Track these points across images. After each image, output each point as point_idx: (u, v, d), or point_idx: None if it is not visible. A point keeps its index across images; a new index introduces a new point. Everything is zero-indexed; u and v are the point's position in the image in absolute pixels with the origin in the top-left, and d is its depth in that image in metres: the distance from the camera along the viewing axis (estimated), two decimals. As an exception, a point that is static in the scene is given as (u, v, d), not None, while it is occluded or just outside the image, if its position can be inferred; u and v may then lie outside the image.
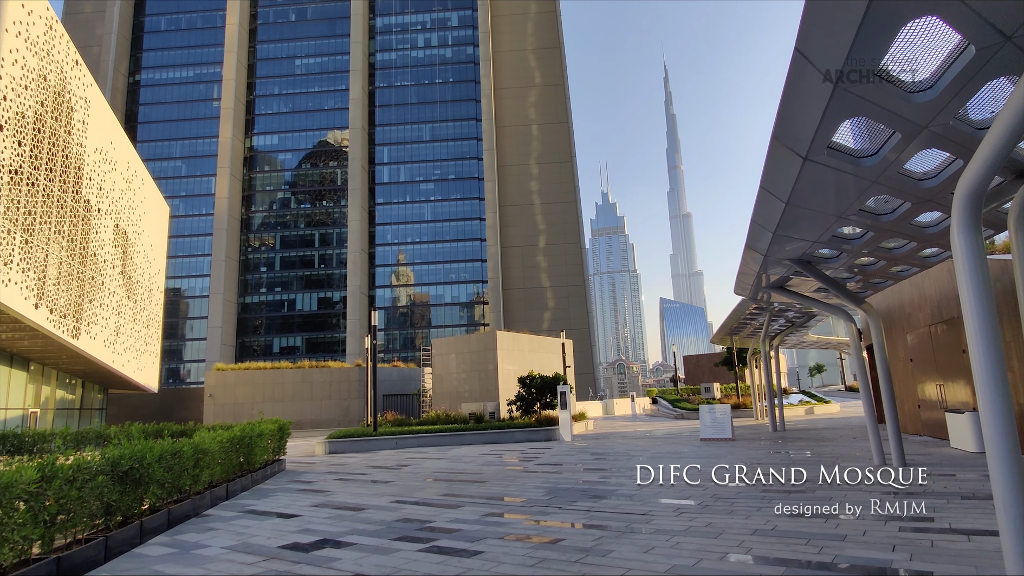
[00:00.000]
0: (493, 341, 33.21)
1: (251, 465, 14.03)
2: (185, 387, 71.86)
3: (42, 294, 23.25)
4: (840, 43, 4.93)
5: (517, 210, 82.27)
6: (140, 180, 35.33)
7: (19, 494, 6.34)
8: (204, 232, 79.87)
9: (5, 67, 20.51)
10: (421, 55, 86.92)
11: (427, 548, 7.39)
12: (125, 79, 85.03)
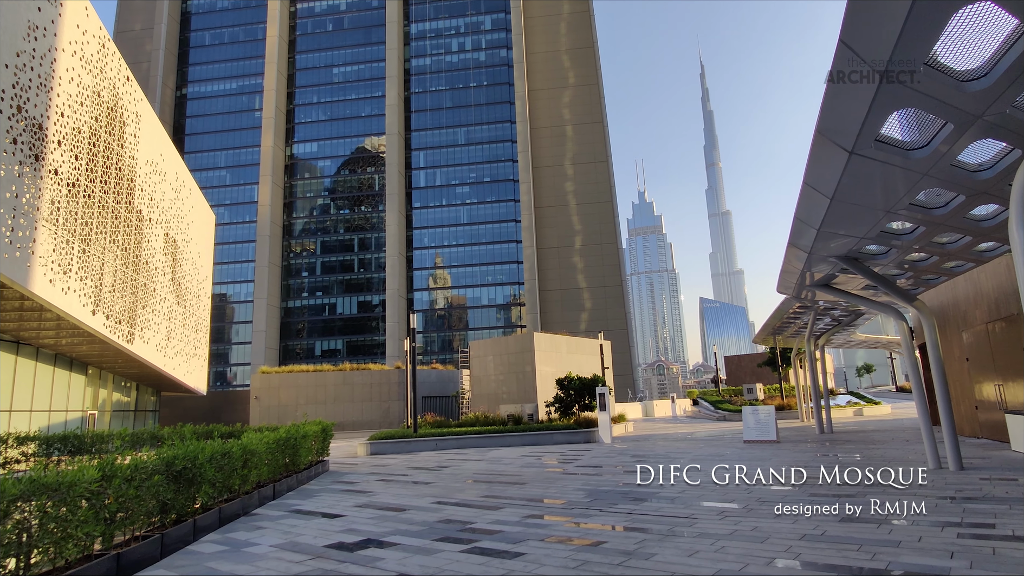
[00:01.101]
0: (530, 343, 33.20)
1: (296, 466, 14.36)
2: (232, 390, 74.02)
3: (99, 301, 24.30)
4: (887, 32, 4.78)
5: (553, 211, 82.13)
6: (188, 190, 36.60)
7: (82, 492, 6.57)
8: (248, 239, 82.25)
9: (62, 85, 21.53)
10: (455, 59, 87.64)
11: (469, 549, 7.42)
12: (173, 93, 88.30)
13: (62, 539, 6.27)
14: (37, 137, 19.93)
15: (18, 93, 18.96)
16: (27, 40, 19.55)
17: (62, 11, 21.63)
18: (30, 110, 19.58)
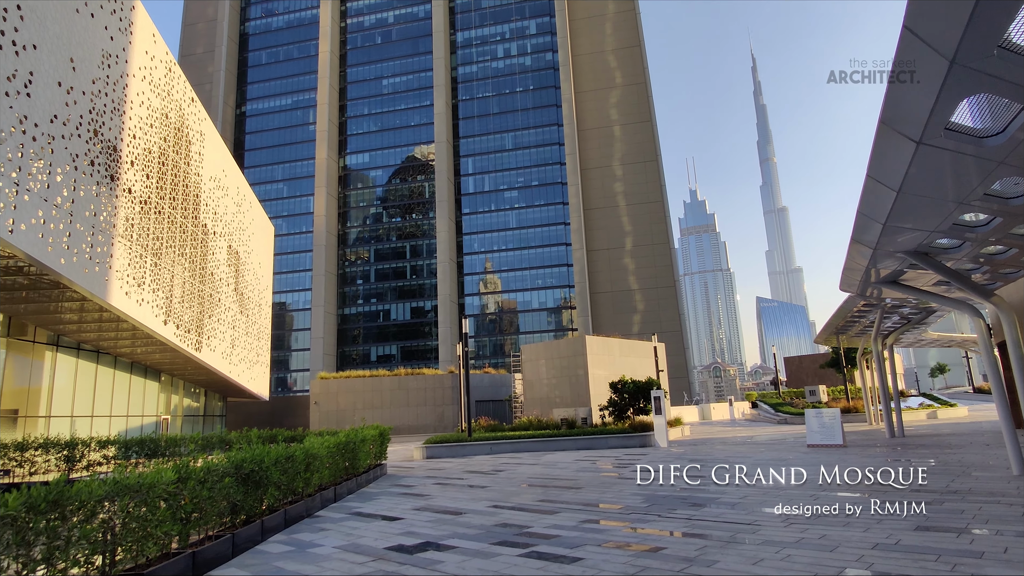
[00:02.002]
0: (582, 346, 33.01)
1: (355, 469, 14.71)
2: (292, 395, 76.53)
3: (169, 311, 25.61)
4: (956, 16, 4.55)
5: (602, 213, 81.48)
6: (248, 203, 38.17)
7: (160, 493, 6.92)
8: (305, 249, 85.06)
9: (133, 108, 22.86)
10: (501, 65, 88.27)
11: (527, 553, 7.42)
12: (233, 111, 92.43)
13: (143, 538, 6.60)
14: (112, 158, 21.21)
15: (95, 118, 20.23)
16: (101, 68, 20.85)
17: (132, 39, 22.97)
18: (105, 133, 20.86)
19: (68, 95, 18.93)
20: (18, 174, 16.66)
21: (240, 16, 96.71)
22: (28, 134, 17.12)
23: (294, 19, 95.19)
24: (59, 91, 18.52)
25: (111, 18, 21.63)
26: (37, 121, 17.49)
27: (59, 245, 18.27)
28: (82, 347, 27.51)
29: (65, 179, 18.64)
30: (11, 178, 16.38)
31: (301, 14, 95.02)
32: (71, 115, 19.03)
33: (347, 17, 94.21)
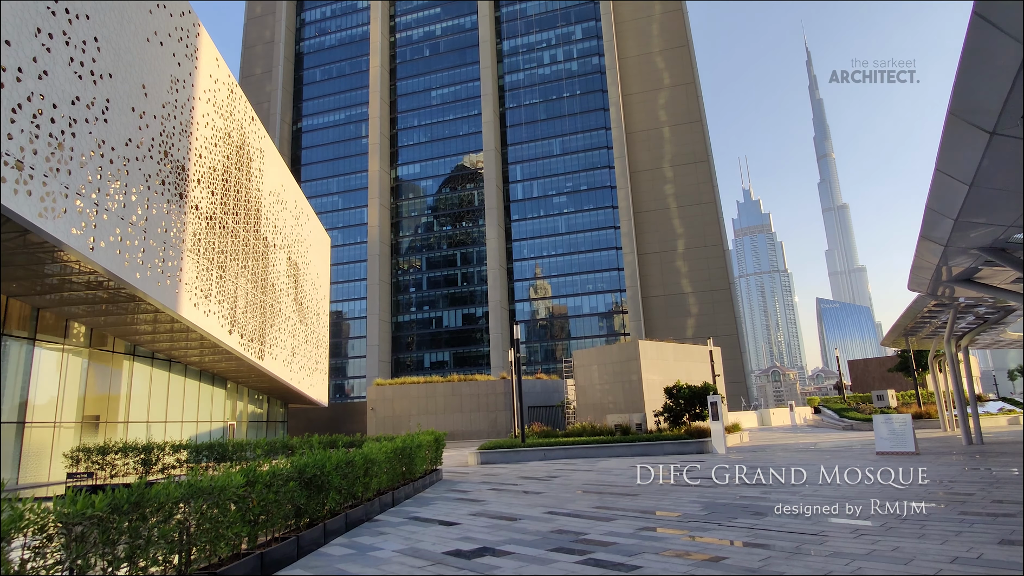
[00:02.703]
0: (635, 351, 32.58)
1: (412, 474, 14.95)
2: (350, 401, 78.52)
3: (234, 321, 26.74)
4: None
5: (653, 216, 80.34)
6: (306, 216, 39.50)
7: (230, 496, 7.22)
8: (360, 259, 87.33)
9: (199, 129, 24.06)
10: (548, 71, 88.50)
11: (584, 560, 7.37)
12: (290, 128, 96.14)
13: (215, 538, 6.91)
14: (180, 177, 22.37)
15: (165, 140, 21.41)
16: (170, 92, 22.06)
17: (197, 64, 24.22)
18: (174, 154, 22.03)
19: (141, 119, 20.10)
20: (97, 195, 17.79)
21: (295, 36, 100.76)
22: (106, 157, 18.26)
23: (346, 36, 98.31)
24: (132, 116, 19.69)
25: (178, 45, 22.88)
26: (114, 145, 18.64)
27: (134, 260, 19.38)
28: (156, 356, 29.06)
29: (139, 198, 19.78)
30: (91, 199, 17.51)
31: (352, 31, 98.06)
32: (144, 138, 20.20)
33: (396, 32, 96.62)
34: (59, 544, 4.94)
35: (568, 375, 40.93)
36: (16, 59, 15.12)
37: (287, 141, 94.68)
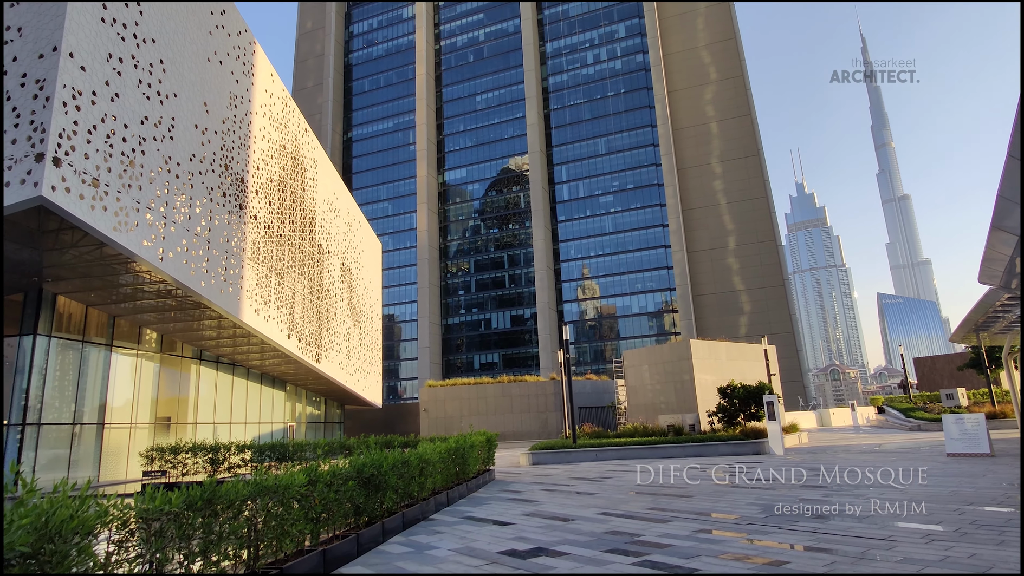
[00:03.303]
0: (687, 350, 32.05)
1: (465, 474, 15.15)
2: (403, 402, 79.96)
3: (292, 326, 27.72)
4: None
5: (702, 212, 78.76)
6: (358, 223, 40.57)
7: (294, 494, 7.48)
8: (410, 263, 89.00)
9: (256, 142, 25.08)
10: (591, 71, 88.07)
11: (639, 562, 7.32)
12: (341, 137, 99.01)
13: (281, 535, 7.18)
14: (240, 189, 23.38)
15: (225, 153, 22.42)
16: (229, 108, 23.09)
17: (254, 80, 25.26)
18: (234, 167, 23.05)
19: (203, 135, 21.14)
20: (165, 208, 18.81)
21: (344, 49, 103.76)
22: (172, 172, 19.30)
23: (392, 46, 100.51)
24: (195, 132, 20.73)
25: (236, 63, 23.94)
26: (179, 160, 19.68)
27: (199, 269, 20.39)
28: (220, 360, 30.43)
29: (203, 210, 20.79)
30: (160, 212, 18.53)
31: (398, 41, 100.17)
32: (206, 153, 21.23)
33: (441, 39, 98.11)
34: (140, 538, 5.17)
35: (618, 375, 40.60)
36: (91, 83, 16.15)
37: (338, 151, 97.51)
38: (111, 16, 17.06)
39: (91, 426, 22.61)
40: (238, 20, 24.20)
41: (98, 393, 23.19)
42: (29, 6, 15.83)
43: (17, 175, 14.67)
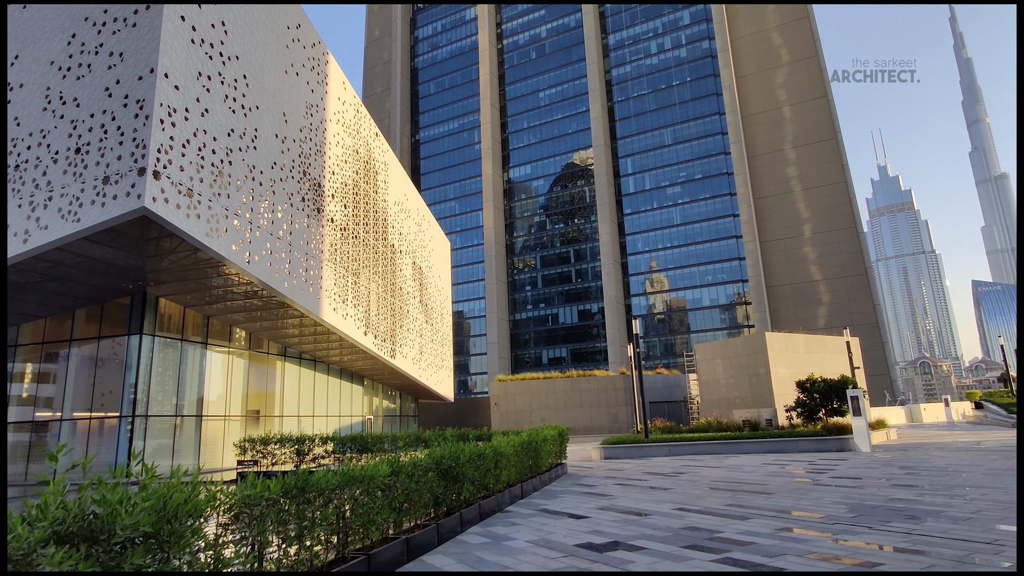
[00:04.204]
0: (762, 343, 31.06)
1: (538, 468, 15.35)
2: (473, 397, 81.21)
3: (368, 323, 28.82)
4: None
5: (775, 201, 75.65)
6: (427, 222, 41.59)
7: (378, 484, 7.80)
8: (477, 260, 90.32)
9: (331, 148, 26.18)
10: (656, 61, 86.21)
11: (720, 559, 7.22)
12: (409, 140, 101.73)
13: (367, 523, 7.51)
14: (317, 194, 24.50)
15: (303, 160, 23.56)
16: (306, 117, 24.22)
17: (328, 89, 26.37)
18: (311, 172, 24.17)
19: (283, 144, 22.30)
20: (251, 214, 20.00)
21: (410, 54, 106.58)
22: (256, 180, 20.48)
23: (456, 48, 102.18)
24: (276, 141, 21.90)
25: (311, 73, 25.07)
26: (262, 169, 20.85)
27: (283, 271, 21.56)
28: (303, 357, 32.05)
29: (284, 215, 21.95)
30: (246, 218, 19.72)
31: (462, 42, 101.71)
32: (286, 161, 22.38)
33: (503, 38, 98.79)
34: (243, 522, 5.53)
35: (690, 369, 39.81)
36: (184, 100, 17.37)
37: (407, 153, 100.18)
38: (199, 37, 18.28)
39: (191, 418, 24.40)
40: (312, 32, 25.32)
41: (196, 388, 24.98)
42: (129, 32, 17.20)
43: (123, 188, 16.01)
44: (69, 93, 17.60)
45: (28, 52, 18.87)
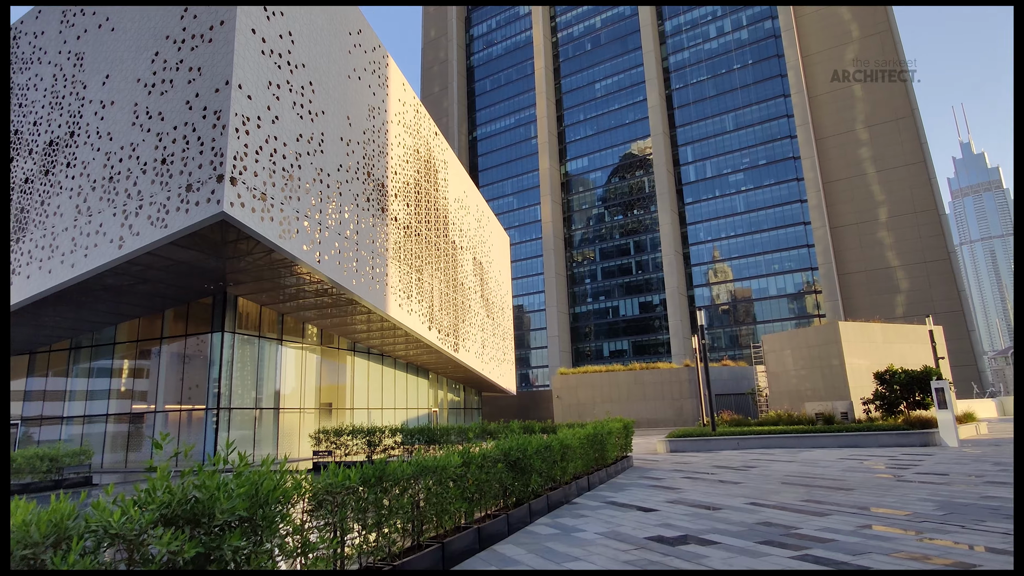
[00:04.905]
0: (835, 333, 29.81)
1: (604, 460, 15.36)
2: (535, 390, 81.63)
3: (432, 318, 29.48)
4: None
5: (846, 184, 72.08)
6: (487, 218, 42.04)
7: (450, 475, 7.99)
8: (536, 254, 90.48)
9: (393, 149, 26.87)
10: (715, 45, 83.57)
11: (799, 556, 7.02)
12: (466, 138, 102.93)
13: (441, 512, 7.73)
14: (381, 194, 25.22)
15: (367, 161, 24.29)
16: (368, 119, 24.94)
17: (388, 91, 27.05)
18: (375, 173, 24.90)
19: (348, 146, 23.06)
20: (320, 216, 20.82)
21: (466, 52, 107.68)
22: (324, 183, 21.29)
23: (510, 44, 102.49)
24: (341, 144, 22.67)
25: (372, 77, 25.78)
26: (329, 171, 21.65)
27: (350, 269, 22.35)
28: (371, 351, 33.14)
29: (351, 215, 22.73)
30: (315, 219, 20.55)
31: (516, 38, 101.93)
32: (351, 163, 23.15)
33: (557, 32, 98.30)
34: (326, 509, 5.78)
35: (757, 361, 38.67)
36: (256, 109, 18.25)
37: (465, 150, 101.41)
38: (269, 47, 19.14)
39: (269, 410, 25.71)
40: (372, 37, 26.00)
41: (273, 381, 26.30)
42: (206, 47, 18.21)
43: (203, 195, 17.01)
44: (154, 108, 18.81)
45: (117, 71, 20.27)
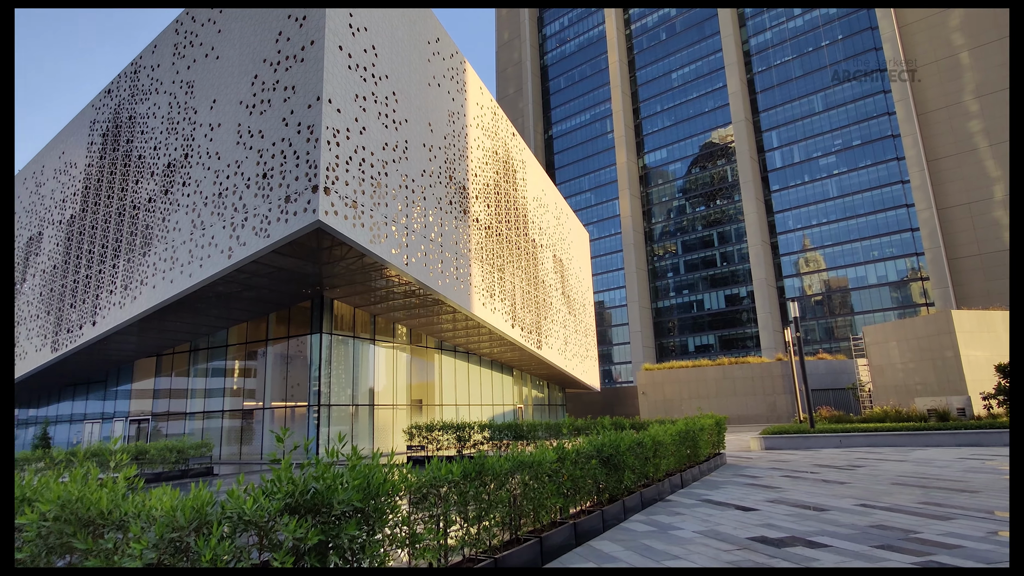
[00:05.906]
0: (948, 323, 27.64)
1: (697, 457, 15.05)
2: (619, 386, 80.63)
3: (514, 316, 29.86)
4: None
5: (953, 161, 66.21)
6: (565, 215, 42.02)
7: (546, 470, 8.09)
8: (615, 249, 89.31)
9: (473, 152, 27.42)
10: (800, 23, 79.07)
11: (923, 563, 6.62)
12: (542, 136, 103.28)
13: (538, 507, 7.83)
14: (463, 196, 25.81)
15: (448, 166, 24.94)
16: (449, 124, 25.59)
17: (466, 96, 27.63)
18: (456, 177, 25.51)
19: (430, 152, 23.77)
20: (406, 220, 21.60)
21: (539, 52, 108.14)
22: (409, 188, 22.06)
23: (584, 40, 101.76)
24: (423, 150, 23.39)
25: (451, 83, 26.42)
26: (413, 177, 22.41)
27: (436, 270, 23.04)
28: (457, 349, 34.01)
29: (435, 218, 23.43)
30: (402, 224, 21.34)
31: (589, 34, 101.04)
32: (433, 168, 23.85)
33: (631, 23, 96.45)
34: (430, 502, 6.02)
35: (858, 354, 36.47)
36: (345, 121, 19.17)
37: (541, 149, 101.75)
38: (355, 62, 20.05)
39: (364, 407, 26.98)
40: (450, 44, 26.63)
41: (367, 379, 27.58)
42: (299, 66, 19.33)
43: (300, 205, 18.08)
44: (255, 126, 20.18)
45: (222, 95, 21.90)
